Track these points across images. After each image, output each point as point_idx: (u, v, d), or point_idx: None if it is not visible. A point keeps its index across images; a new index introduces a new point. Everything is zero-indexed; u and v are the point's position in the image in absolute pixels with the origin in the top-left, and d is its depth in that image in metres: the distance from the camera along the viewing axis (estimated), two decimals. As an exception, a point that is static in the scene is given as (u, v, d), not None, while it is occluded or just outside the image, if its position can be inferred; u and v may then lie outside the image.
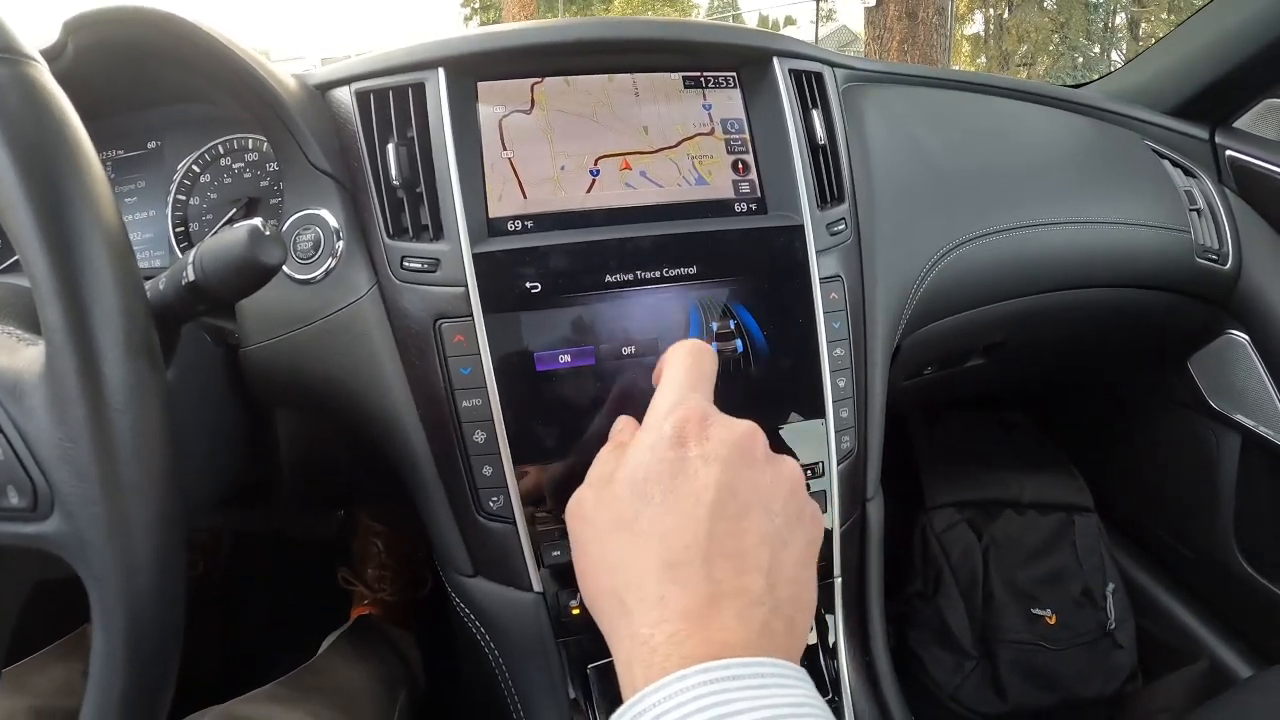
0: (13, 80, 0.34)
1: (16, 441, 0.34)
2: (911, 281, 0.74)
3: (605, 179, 0.63)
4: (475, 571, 0.60)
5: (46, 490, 0.34)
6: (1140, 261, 0.90)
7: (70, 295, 0.32)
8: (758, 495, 0.39)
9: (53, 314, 0.32)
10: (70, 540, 0.34)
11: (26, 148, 0.33)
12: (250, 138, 0.75)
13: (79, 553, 0.34)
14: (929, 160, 0.80)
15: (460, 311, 0.56)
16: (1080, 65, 12.08)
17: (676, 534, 0.37)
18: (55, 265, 0.32)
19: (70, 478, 0.33)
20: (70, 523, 0.34)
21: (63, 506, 0.34)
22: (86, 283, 0.33)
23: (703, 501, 0.37)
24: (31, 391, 0.34)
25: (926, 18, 3.80)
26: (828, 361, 0.64)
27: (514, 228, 0.61)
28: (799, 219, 0.65)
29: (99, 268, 0.33)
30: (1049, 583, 1.04)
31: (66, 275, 0.32)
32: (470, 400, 0.56)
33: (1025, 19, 12.42)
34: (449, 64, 0.61)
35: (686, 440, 0.40)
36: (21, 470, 0.34)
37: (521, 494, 0.56)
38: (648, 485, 0.39)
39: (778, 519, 0.39)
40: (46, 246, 0.32)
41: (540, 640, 0.58)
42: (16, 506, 0.35)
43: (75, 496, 0.34)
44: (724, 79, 0.68)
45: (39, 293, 0.33)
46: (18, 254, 0.33)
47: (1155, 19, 12.14)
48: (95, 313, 0.33)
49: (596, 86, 0.65)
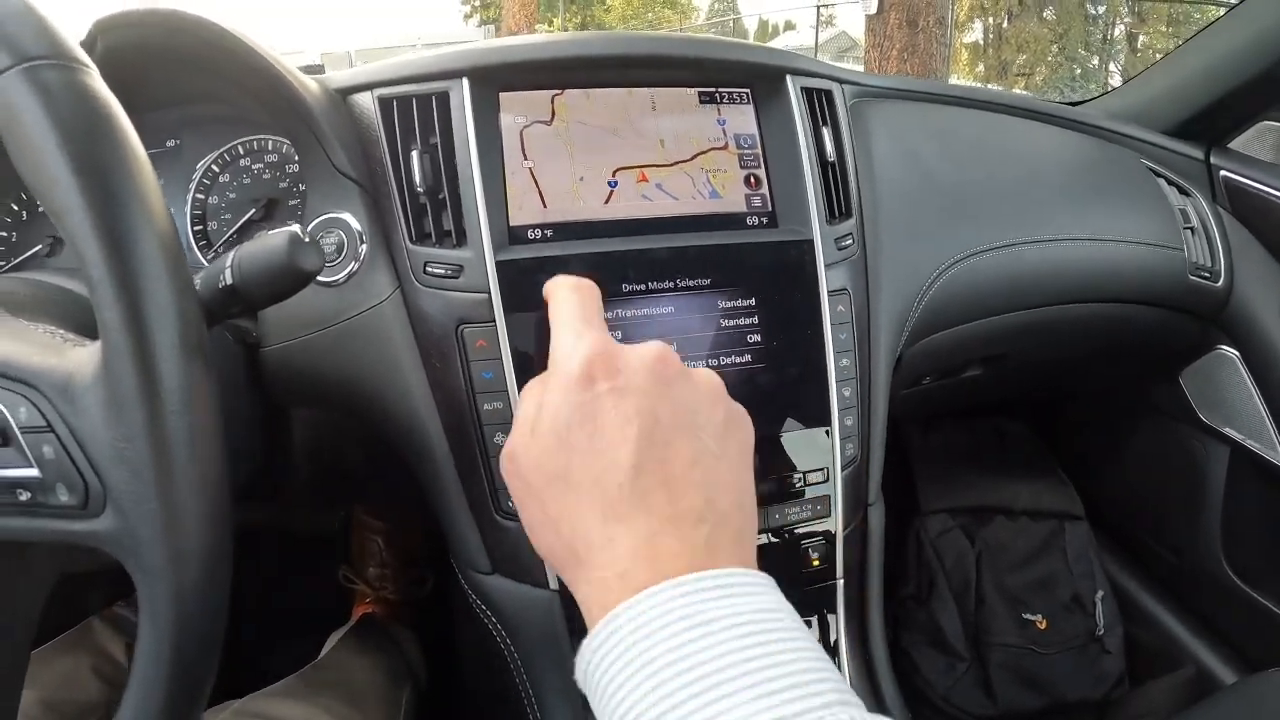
0: (66, 85, 0.34)
1: (68, 440, 0.35)
2: (914, 295, 0.76)
3: (623, 190, 0.65)
4: (493, 569, 0.61)
5: (99, 488, 0.35)
6: (1135, 278, 0.93)
7: (129, 299, 0.33)
8: (680, 416, 0.39)
9: (111, 316, 0.33)
10: (123, 537, 0.35)
11: (82, 153, 0.34)
12: (270, 139, 0.76)
13: (131, 550, 0.35)
14: (932, 175, 0.82)
15: (483, 317, 0.58)
16: (1078, 76, 12.13)
17: (609, 474, 0.37)
18: (113, 269, 0.33)
19: (125, 476, 0.34)
20: (123, 520, 0.35)
21: (116, 504, 0.35)
22: (144, 286, 0.34)
23: (627, 437, 0.37)
24: (85, 392, 0.35)
25: (927, 26, 3.81)
26: (834, 371, 0.66)
27: (534, 236, 0.62)
28: (809, 233, 0.67)
29: (155, 271, 0.34)
30: (1040, 588, 1.06)
31: (124, 279, 0.33)
32: (491, 403, 0.58)
33: (1024, 29, 12.45)
34: (473, 74, 0.63)
35: (595, 378, 0.39)
36: (73, 468, 0.35)
37: None
38: (570, 432, 0.38)
39: (704, 433, 0.40)
40: (104, 251, 0.33)
41: (556, 636, 0.60)
42: (66, 504, 0.36)
43: (130, 495, 0.34)
44: (738, 95, 0.70)
45: (96, 295, 0.33)
46: (76, 256, 0.34)
47: (1154, 31, 12.21)
48: (153, 315, 0.34)
49: (615, 100, 0.67)
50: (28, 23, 0.34)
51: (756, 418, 0.45)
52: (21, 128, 0.33)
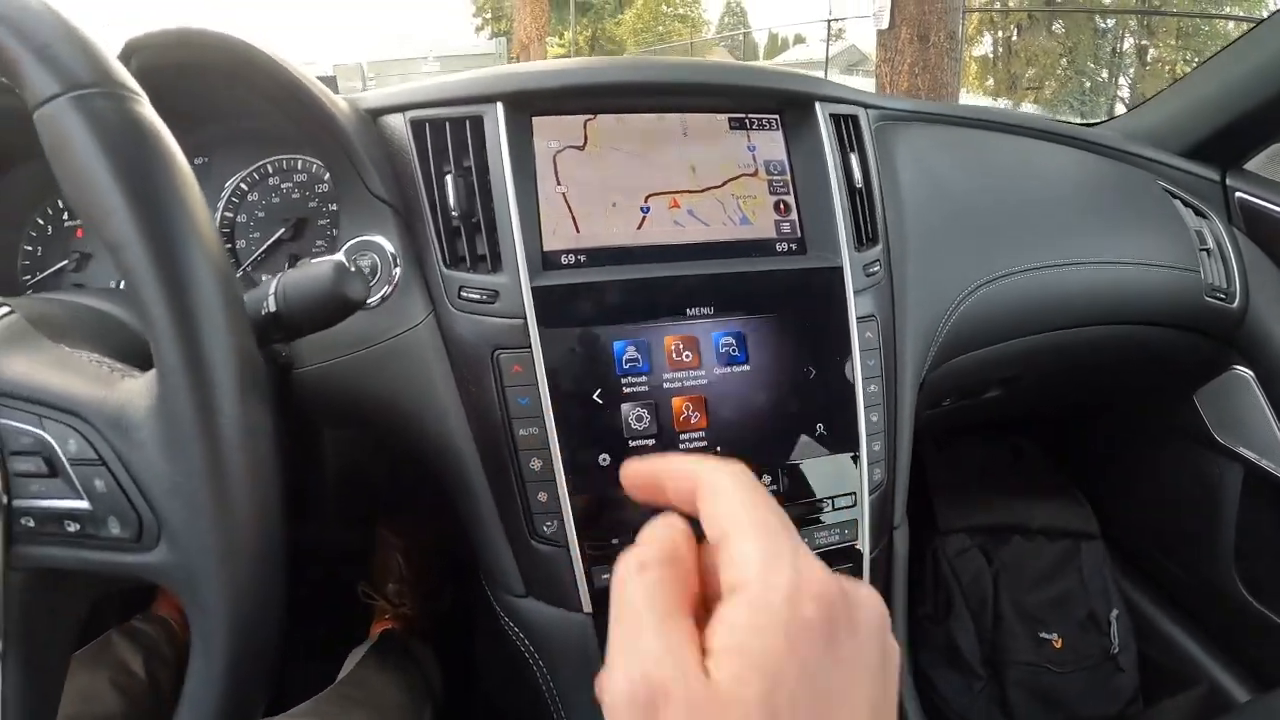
0: (119, 115, 0.34)
1: (121, 474, 0.35)
2: (938, 319, 0.77)
3: (655, 216, 0.66)
4: (526, 592, 0.62)
5: (153, 522, 0.35)
6: (1152, 300, 0.93)
7: (188, 338, 0.33)
8: (889, 688, 0.28)
9: (170, 355, 0.33)
10: (177, 571, 0.35)
11: (138, 186, 0.34)
12: (299, 158, 0.76)
13: (186, 583, 0.35)
14: (955, 200, 0.83)
15: (518, 343, 0.59)
16: (1088, 90, 12.10)
17: None
18: (173, 308, 0.33)
19: (182, 511, 0.34)
20: (179, 554, 0.35)
21: (171, 538, 0.35)
22: (203, 326, 0.34)
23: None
24: (140, 426, 0.35)
25: (939, 41, 3.81)
26: (863, 397, 0.67)
27: (568, 261, 0.63)
28: (838, 260, 0.67)
29: (214, 310, 0.34)
30: (1056, 607, 1.07)
31: (184, 318, 0.33)
32: (527, 429, 0.58)
33: (1033, 42, 12.41)
34: (507, 98, 0.64)
35: (837, 631, 0.26)
36: (126, 502, 0.35)
37: (575, 519, 0.58)
38: (795, 710, 0.24)
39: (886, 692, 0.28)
40: (164, 290, 0.33)
41: (588, 659, 0.60)
42: (118, 536, 0.36)
43: (186, 529, 0.35)
44: (767, 121, 0.71)
45: (155, 332, 0.33)
46: (132, 292, 0.34)
47: (1163, 45, 12.16)
48: (213, 355, 0.34)
49: (647, 125, 0.68)
50: (77, 48, 0.34)
51: (786, 443, 0.45)
52: (73, 156, 0.33)
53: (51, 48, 0.34)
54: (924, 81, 3.85)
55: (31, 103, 0.34)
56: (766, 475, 0.64)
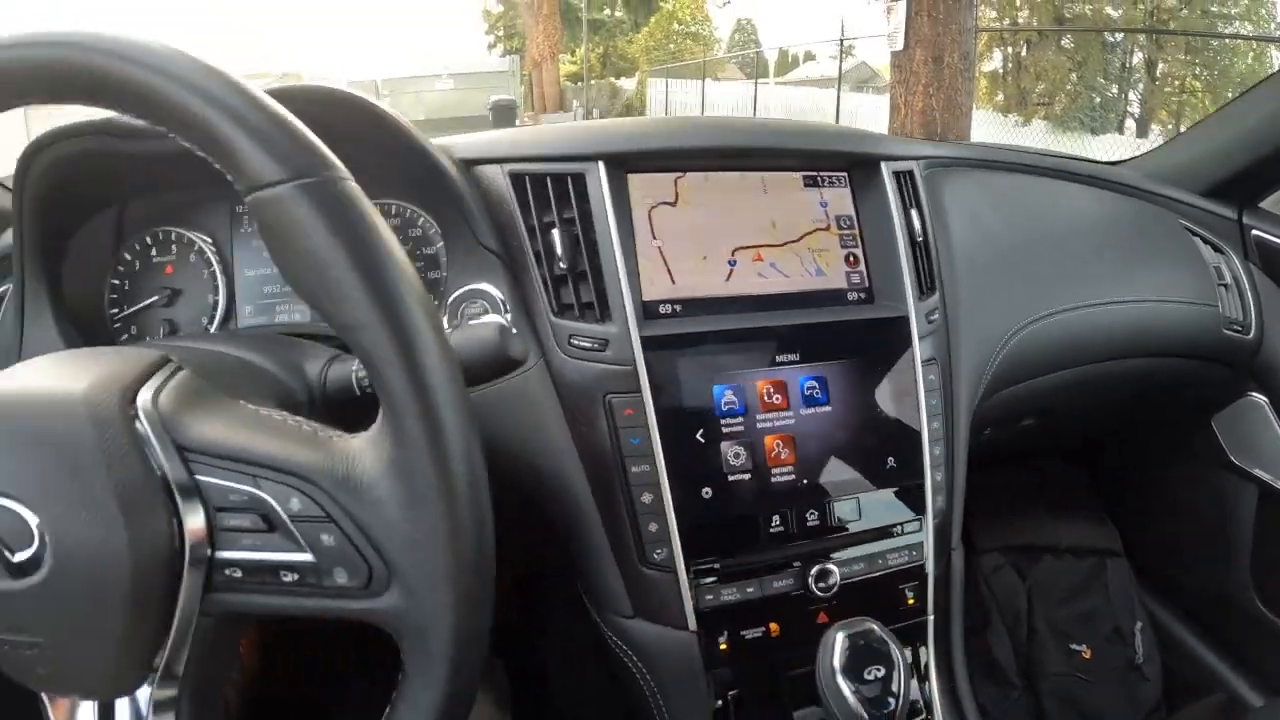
0: (342, 200, 0.37)
1: (350, 529, 0.38)
2: (987, 359, 0.83)
3: (741, 268, 0.72)
4: (634, 614, 0.68)
5: (383, 571, 0.38)
6: (1174, 333, 1.00)
7: (427, 408, 0.37)
8: None
9: (413, 425, 0.37)
10: (408, 614, 0.39)
11: (371, 271, 0.36)
12: (394, 203, 0.79)
13: (415, 626, 0.39)
14: (998, 245, 0.90)
15: (629, 387, 0.65)
16: (1097, 105, 12.10)
17: None
18: (414, 383, 0.37)
19: (419, 562, 0.38)
20: (411, 600, 0.39)
21: (404, 586, 0.38)
22: (439, 399, 0.38)
23: None
24: (374, 486, 0.38)
25: (952, 62, 3.82)
26: (927, 433, 0.73)
27: (665, 311, 0.69)
28: (904, 309, 0.74)
29: (446, 383, 0.38)
30: (1085, 621, 1.13)
31: (423, 393, 0.37)
32: (639, 466, 0.64)
33: (1043, 58, 12.41)
34: (608, 159, 0.69)
35: None
36: (355, 553, 0.38)
37: (682, 546, 0.64)
38: None
39: None
40: (404, 369, 0.37)
41: (694, 672, 0.66)
42: (344, 585, 0.39)
43: (422, 578, 0.38)
44: (836, 179, 0.77)
45: (395, 404, 0.38)
46: (371, 368, 0.38)
47: (1172, 59, 12.14)
48: (448, 424, 0.38)
49: (730, 183, 0.74)
50: (293, 135, 0.38)
51: (861, 475, 0.50)
52: (304, 241, 0.36)
53: (270, 135, 0.36)
54: (938, 101, 3.90)
55: (247, 185, 0.37)
56: (847, 504, 0.70)
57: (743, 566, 0.67)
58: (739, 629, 0.67)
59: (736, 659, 0.67)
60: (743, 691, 0.67)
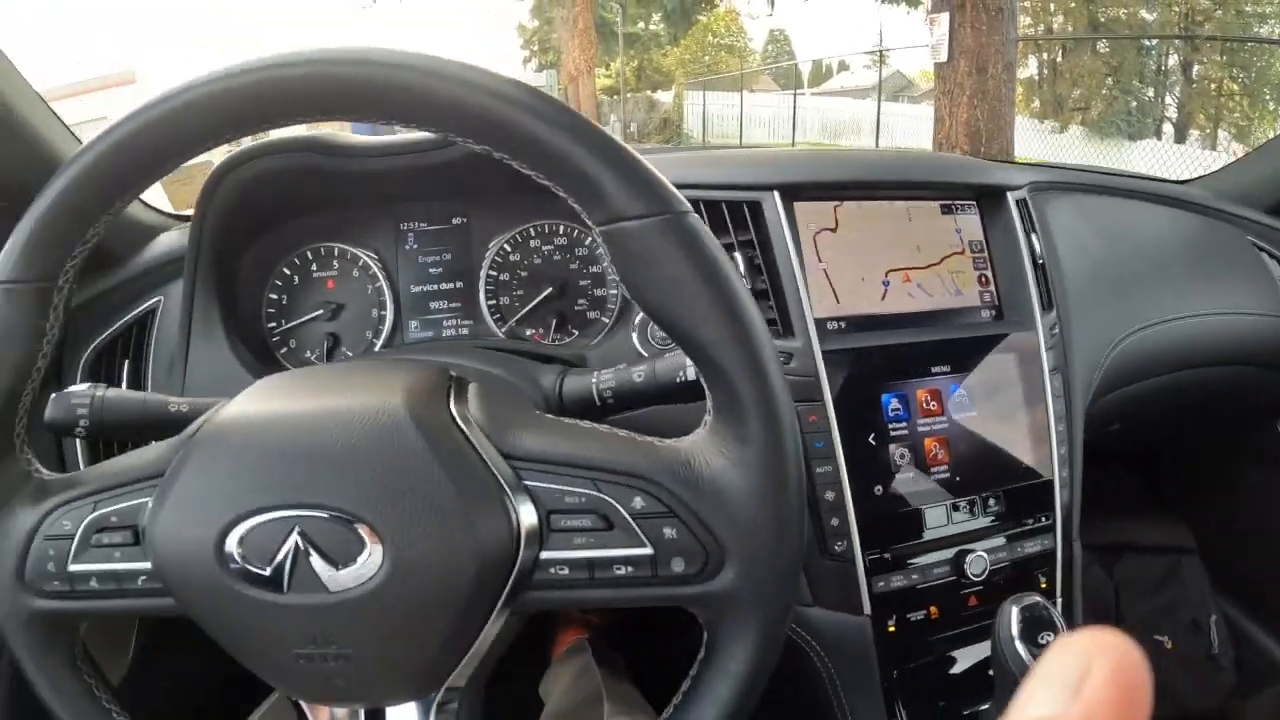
0: (695, 234, 0.40)
1: (692, 521, 0.41)
2: (1093, 370, 0.92)
3: (894, 289, 0.81)
4: (814, 603, 0.75)
5: (719, 556, 0.42)
6: (1244, 343, 1.09)
7: (772, 416, 0.42)
8: None
9: (759, 431, 0.42)
10: (740, 593, 0.42)
11: (725, 298, 0.40)
12: (560, 224, 0.85)
13: (746, 600, 0.42)
14: (1095, 264, 0.98)
15: (812, 396, 0.73)
16: (1134, 109, 11.94)
17: None
18: (761, 394, 0.41)
19: (757, 545, 0.42)
20: (745, 580, 0.42)
21: (739, 568, 0.42)
22: (780, 407, 0.42)
23: None
24: (713, 481, 0.42)
25: (996, 73, 3.82)
26: (1054, 435, 0.82)
27: (833, 327, 0.77)
28: (1033, 325, 0.82)
29: (784, 393, 0.43)
30: (1166, 614, 1.21)
31: (769, 404, 0.42)
32: (823, 466, 0.72)
33: (1078, 63, 12.31)
34: (782, 189, 0.77)
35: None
36: (694, 543, 0.41)
37: (860, 538, 0.72)
38: None
39: None
40: (754, 380, 0.41)
41: (869, 656, 0.74)
42: (680, 573, 0.42)
43: (759, 561, 0.42)
44: (967, 206, 0.86)
45: (743, 411, 0.41)
46: (725, 379, 0.41)
47: (1209, 61, 11.81)
48: (786, 429, 0.43)
49: (881, 211, 0.82)
50: (651, 174, 0.41)
51: (1003, 473, 0.59)
52: (667, 271, 0.40)
53: (633, 172, 0.39)
54: (982, 112, 3.93)
55: (608, 217, 0.40)
56: (991, 498, 0.78)
57: (907, 555, 0.75)
58: (905, 612, 0.75)
59: (904, 637, 0.74)
60: (911, 666, 0.75)
